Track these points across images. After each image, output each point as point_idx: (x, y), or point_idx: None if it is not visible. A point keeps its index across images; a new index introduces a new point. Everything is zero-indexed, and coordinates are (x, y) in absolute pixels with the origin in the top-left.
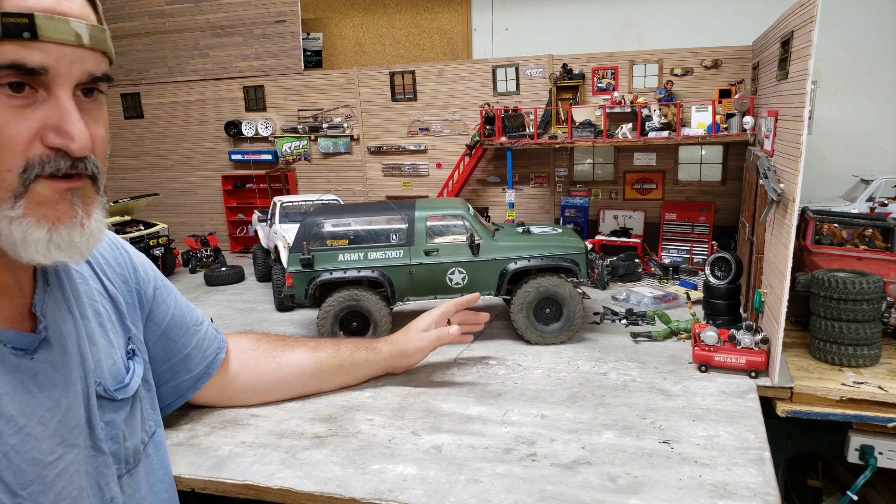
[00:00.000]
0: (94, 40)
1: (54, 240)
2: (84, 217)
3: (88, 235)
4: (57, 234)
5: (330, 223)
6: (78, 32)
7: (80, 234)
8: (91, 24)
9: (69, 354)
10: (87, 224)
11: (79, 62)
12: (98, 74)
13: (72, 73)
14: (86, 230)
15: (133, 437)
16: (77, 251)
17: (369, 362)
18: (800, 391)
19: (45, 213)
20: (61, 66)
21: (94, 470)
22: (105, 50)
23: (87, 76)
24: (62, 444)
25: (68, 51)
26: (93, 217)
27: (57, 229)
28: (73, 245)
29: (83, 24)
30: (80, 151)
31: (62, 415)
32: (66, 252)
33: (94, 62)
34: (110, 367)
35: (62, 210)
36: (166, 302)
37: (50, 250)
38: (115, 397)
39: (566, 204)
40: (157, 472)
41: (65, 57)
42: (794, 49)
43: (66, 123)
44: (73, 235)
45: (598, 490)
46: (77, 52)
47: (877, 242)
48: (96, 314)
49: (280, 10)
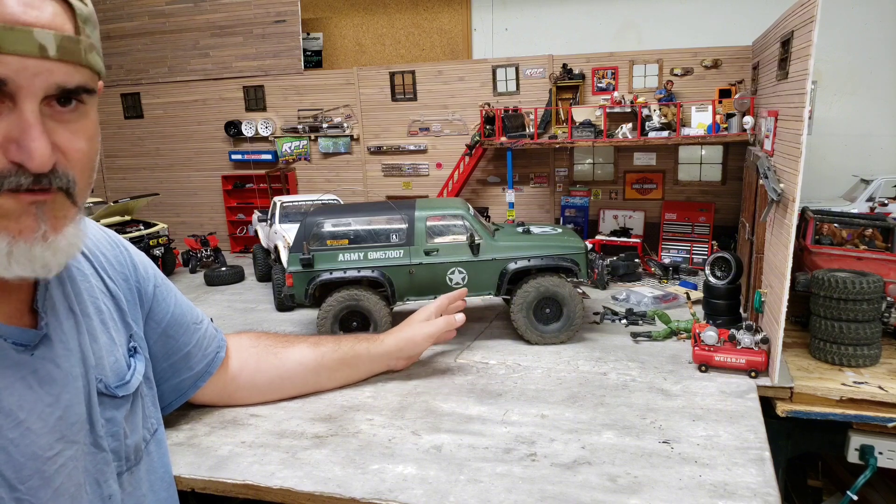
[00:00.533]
0: (63, 52)
1: (14, 253)
2: (49, 231)
3: (54, 250)
4: (17, 248)
5: (330, 223)
6: (42, 44)
7: (43, 248)
8: (62, 35)
9: (70, 351)
10: (51, 239)
11: (44, 74)
12: (69, 87)
13: (35, 85)
14: (50, 245)
15: (134, 435)
16: (40, 265)
17: (370, 355)
18: (800, 391)
19: (6, 226)
20: (21, 78)
21: (94, 466)
22: (78, 61)
23: (56, 89)
24: (61, 439)
25: (30, 63)
26: (62, 231)
27: (17, 243)
28: (33, 259)
29: (51, 34)
30: (38, 168)
31: (62, 411)
32: (26, 266)
33: (64, 74)
34: (112, 364)
35: (25, 223)
36: (166, 300)
37: (10, 263)
38: (116, 394)
39: (566, 204)
40: (158, 471)
41: (26, 69)
42: (794, 49)
43: (26, 139)
44: (34, 250)
45: (598, 490)
46: (42, 65)
47: (877, 242)
48: (98, 311)
49: (280, 10)
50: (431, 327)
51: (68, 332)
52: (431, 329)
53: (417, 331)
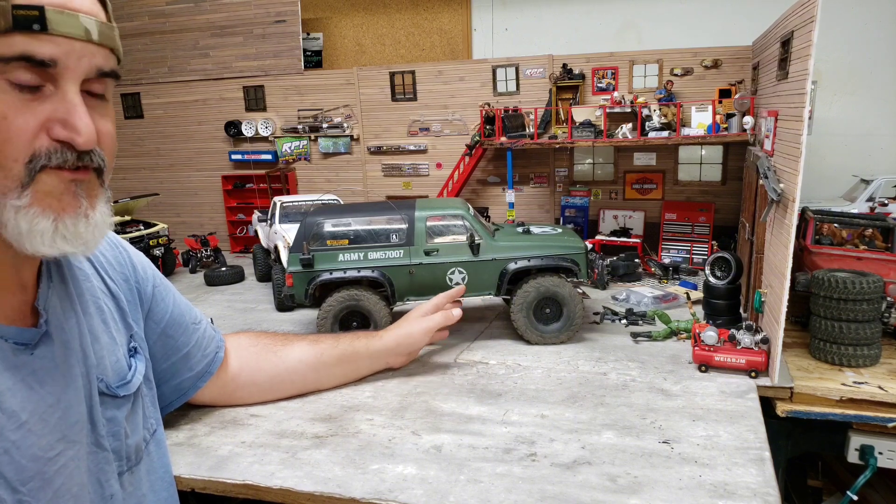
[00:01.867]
0: (102, 36)
1: (59, 230)
2: (89, 208)
3: (94, 227)
4: (62, 225)
5: (330, 223)
6: (87, 28)
7: (85, 225)
8: (100, 21)
9: (71, 350)
10: (91, 216)
11: (87, 57)
12: (106, 70)
13: (80, 67)
14: (91, 222)
15: (135, 435)
16: (82, 242)
17: (369, 350)
18: (800, 391)
19: (50, 204)
20: (70, 59)
21: (95, 466)
22: (113, 47)
23: (96, 71)
24: (63, 440)
25: (77, 45)
26: (97, 209)
27: (62, 220)
28: (78, 236)
29: (92, 20)
30: (85, 145)
31: (63, 411)
32: (72, 243)
33: (103, 58)
34: (113, 364)
35: (67, 201)
36: (165, 300)
37: (56, 241)
38: (117, 394)
39: (566, 204)
40: (158, 471)
41: (74, 51)
42: (794, 49)
43: (73, 117)
44: (79, 226)
45: (598, 490)
46: (86, 48)
47: (877, 242)
48: (99, 311)
49: (280, 10)
50: (429, 322)
51: (69, 332)
52: (429, 323)
53: (415, 326)
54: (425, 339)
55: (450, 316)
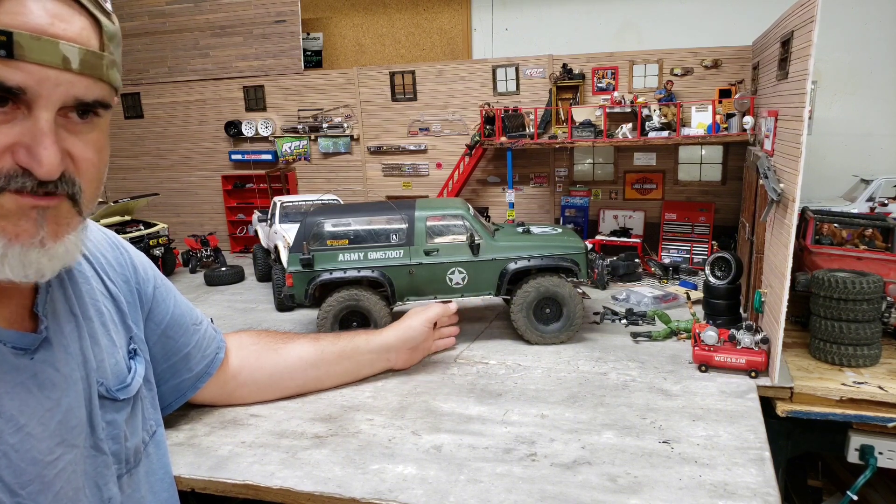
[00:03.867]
0: (85, 66)
1: (7, 255)
2: (48, 238)
3: (51, 256)
4: (11, 251)
5: (330, 223)
6: (66, 56)
7: (39, 254)
8: (87, 50)
9: (70, 354)
10: (49, 245)
11: (64, 86)
12: (87, 101)
13: (54, 96)
14: (47, 251)
15: (134, 437)
16: (33, 270)
17: (370, 346)
18: (800, 391)
19: (3, 227)
20: (43, 88)
21: (94, 470)
22: (100, 77)
23: (73, 101)
24: (62, 443)
25: (52, 73)
26: (63, 239)
27: (12, 245)
28: (27, 264)
29: (76, 48)
30: (45, 176)
31: (62, 414)
32: (17, 271)
33: (84, 88)
34: (113, 367)
35: (23, 227)
36: (166, 301)
37: (3, 265)
38: (116, 397)
39: (566, 204)
40: (158, 472)
41: (48, 79)
42: (794, 49)
43: (38, 146)
44: (29, 254)
45: (598, 490)
46: (63, 76)
47: (877, 242)
48: (98, 314)
49: (280, 10)
50: (428, 313)
51: (69, 336)
52: (429, 314)
53: (415, 319)
54: (425, 331)
55: (448, 308)
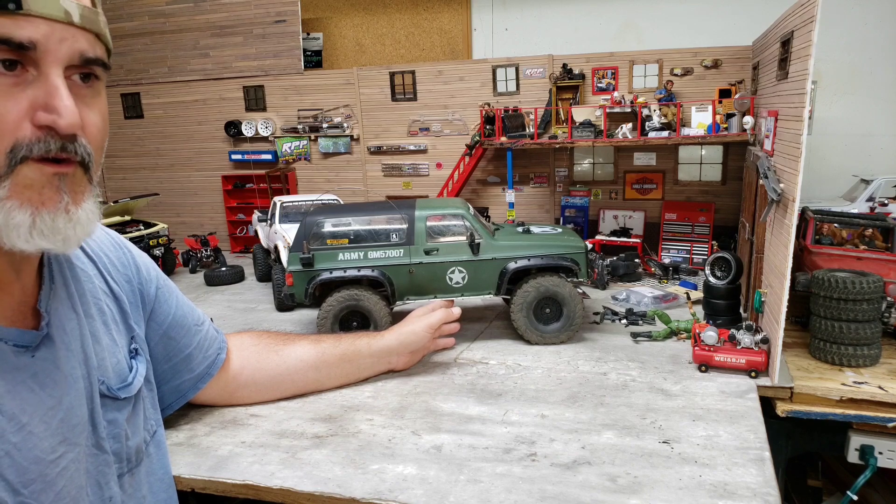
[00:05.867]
0: (85, 20)
1: (37, 225)
2: (70, 204)
3: (75, 223)
4: (40, 219)
5: (330, 222)
6: (67, 10)
7: (65, 220)
8: (83, 5)
9: (72, 352)
10: (72, 211)
11: (69, 40)
12: (91, 56)
13: (62, 51)
14: (72, 217)
15: (135, 437)
16: (61, 238)
17: (371, 350)
18: (800, 391)
19: (29, 197)
20: (50, 42)
21: (95, 468)
22: (98, 32)
23: (79, 57)
24: (64, 442)
25: (58, 27)
26: (81, 206)
27: (40, 214)
28: (56, 231)
29: (74, 2)
30: (67, 128)
31: (64, 413)
32: (49, 239)
33: (87, 43)
34: (114, 366)
35: (47, 195)
36: (168, 302)
37: (32, 235)
38: (118, 396)
39: (566, 204)
40: (158, 472)
41: (54, 33)
42: (794, 49)
43: (54, 99)
44: (57, 221)
45: (598, 490)
46: (67, 30)
47: (877, 242)
48: (100, 312)
49: (280, 10)
50: (431, 318)
51: (71, 334)
52: (431, 320)
53: (417, 324)
54: (427, 336)
55: (451, 313)
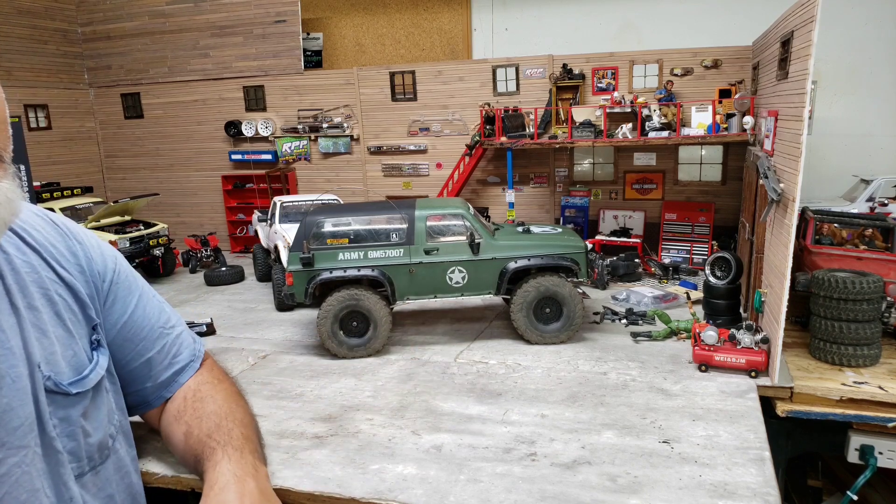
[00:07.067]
0: None
1: None
2: None
3: None
4: None
5: (330, 222)
6: None
7: None
8: None
9: (9, 350)
10: None
11: None
12: None
13: None
14: None
15: (97, 433)
16: None
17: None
18: (800, 391)
19: None
20: None
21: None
22: None
23: None
24: (3, 446)
25: None
26: None
27: None
28: None
29: None
30: None
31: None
32: None
33: None
34: (70, 359)
35: None
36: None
37: None
38: (68, 391)
39: (566, 204)
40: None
41: None
42: (794, 49)
43: None
44: None
45: (598, 490)
46: None
47: (877, 242)
48: (50, 303)
49: (280, 10)
50: None
51: (8, 331)
52: None
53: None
54: None
55: None
